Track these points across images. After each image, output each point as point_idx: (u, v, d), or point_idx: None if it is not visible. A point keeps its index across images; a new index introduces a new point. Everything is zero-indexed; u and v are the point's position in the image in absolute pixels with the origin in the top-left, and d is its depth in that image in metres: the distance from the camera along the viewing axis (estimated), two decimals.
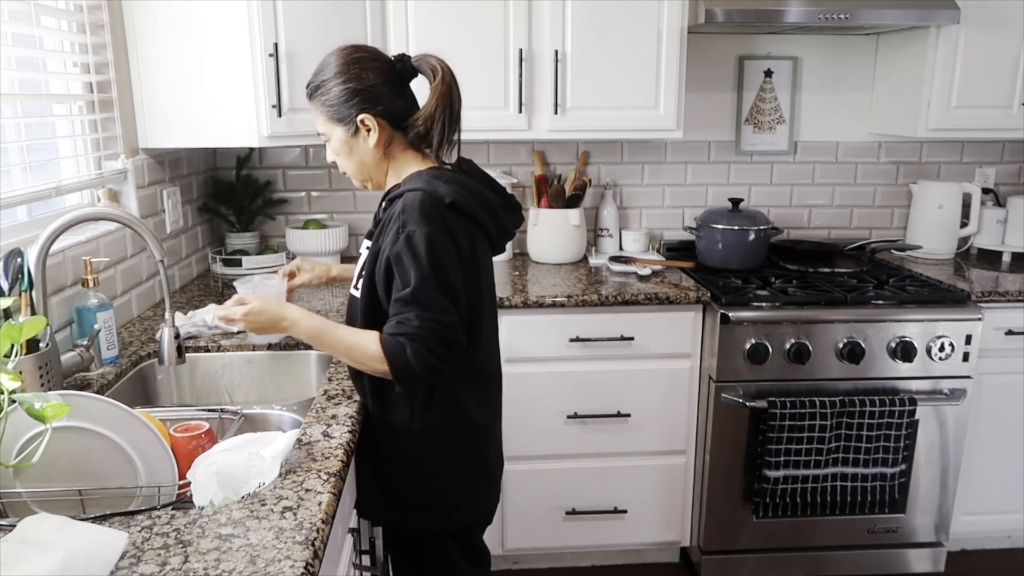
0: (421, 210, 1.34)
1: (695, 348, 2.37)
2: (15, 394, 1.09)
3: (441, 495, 1.50)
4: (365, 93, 1.40)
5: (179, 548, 0.98)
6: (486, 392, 1.54)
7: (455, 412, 1.47)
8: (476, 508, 1.56)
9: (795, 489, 2.31)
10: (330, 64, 1.42)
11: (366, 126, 1.42)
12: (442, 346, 1.33)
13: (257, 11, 2.06)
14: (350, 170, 1.50)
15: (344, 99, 1.40)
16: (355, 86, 1.40)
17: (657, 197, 2.93)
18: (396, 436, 1.46)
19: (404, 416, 1.44)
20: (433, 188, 1.38)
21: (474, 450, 1.52)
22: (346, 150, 1.46)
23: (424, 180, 1.39)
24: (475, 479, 1.54)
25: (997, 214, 2.85)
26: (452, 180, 1.41)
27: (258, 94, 2.10)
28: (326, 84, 1.41)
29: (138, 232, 1.55)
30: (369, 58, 1.42)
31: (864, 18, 2.34)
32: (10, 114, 1.67)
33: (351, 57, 1.41)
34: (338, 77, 1.40)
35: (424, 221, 1.33)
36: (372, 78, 1.40)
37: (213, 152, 2.75)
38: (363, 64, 1.41)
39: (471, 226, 1.42)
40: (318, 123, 1.47)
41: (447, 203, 1.37)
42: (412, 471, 1.47)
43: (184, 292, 2.36)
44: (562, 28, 2.40)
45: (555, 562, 2.60)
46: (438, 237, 1.34)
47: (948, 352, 2.30)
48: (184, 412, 1.48)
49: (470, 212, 1.41)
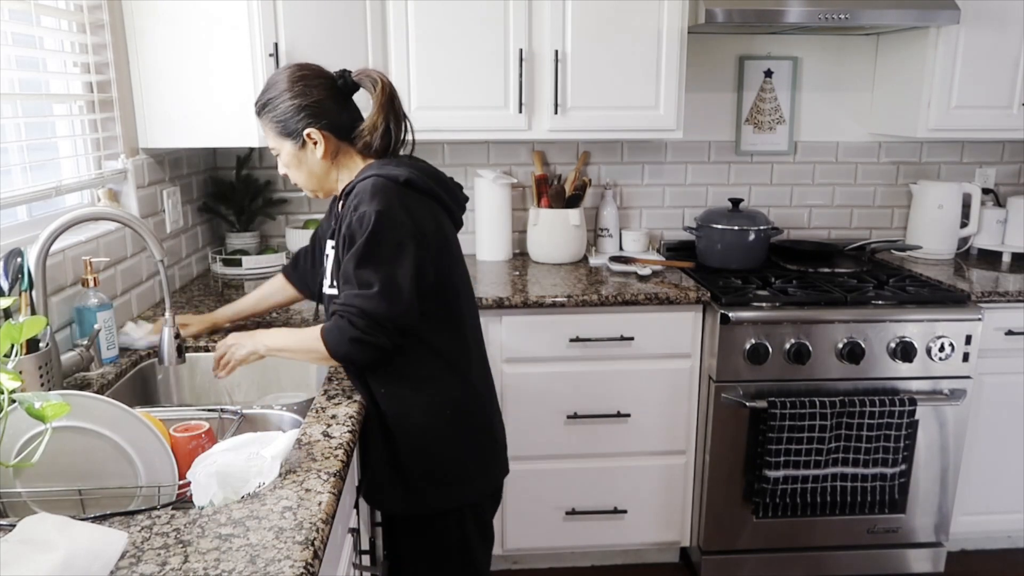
0: (372, 191, 1.42)
1: (695, 348, 2.37)
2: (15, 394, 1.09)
3: (456, 469, 1.55)
4: (310, 108, 1.48)
5: (179, 548, 0.98)
6: (477, 360, 1.60)
7: (456, 383, 1.54)
8: (489, 478, 1.63)
9: (795, 489, 2.31)
10: (277, 82, 1.50)
11: (312, 139, 1.50)
12: (363, 319, 1.38)
13: (257, 11, 2.06)
14: (300, 181, 1.57)
15: (291, 115, 1.48)
16: (300, 102, 1.48)
17: (657, 197, 2.93)
18: (407, 418, 1.50)
19: (409, 396, 1.49)
20: (386, 172, 1.45)
21: (481, 419, 1.59)
22: (295, 162, 1.54)
23: (375, 167, 1.48)
24: (486, 448, 1.61)
25: (997, 214, 2.85)
26: (402, 163, 1.49)
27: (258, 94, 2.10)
28: (273, 101, 1.49)
29: (138, 232, 1.55)
30: (312, 75, 1.50)
31: (864, 18, 2.34)
32: (10, 114, 1.67)
33: (296, 75, 1.49)
34: (285, 94, 1.48)
35: (375, 200, 1.40)
36: (316, 94, 1.49)
37: (213, 152, 2.75)
38: (307, 81, 1.49)
39: (430, 202, 1.50)
40: (268, 139, 1.54)
41: (402, 181, 1.44)
42: (427, 449, 1.52)
43: (184, 292, 2.36)
44: (562, 28, 2.40)
45: (555, 562, 2.60)
46: (387, 214, 1.39)
47: (948, 352, 2.30)
48: (184, 412, 1.48)
49: (426, 188, 1.48)
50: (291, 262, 1.90)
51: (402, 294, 1.39)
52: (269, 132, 1.53)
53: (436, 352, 1.51)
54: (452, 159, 2.83)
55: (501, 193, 2.70)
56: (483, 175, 2.69)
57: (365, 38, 2.31)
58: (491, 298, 2.25)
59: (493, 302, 2.25)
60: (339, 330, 1.41)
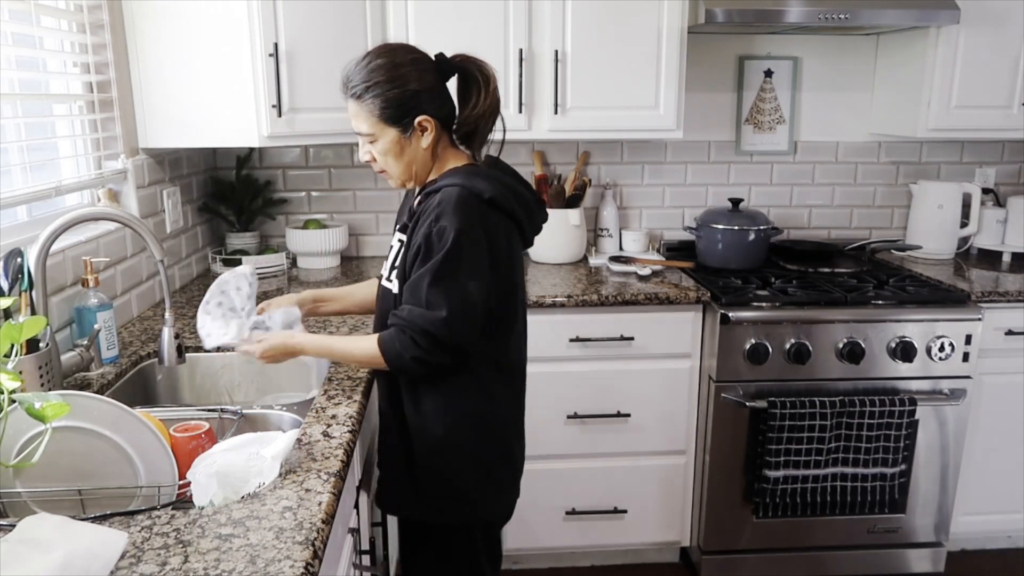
0: (457, 204, 1.35)
1: (695, 348, 2.37)
2: (15, 394, 1.09)
3: (472, 487, 1.52)
4: (423, 95, 1.39)
5: (179, 548, 0.98)
6: (515, 384, 1.56)
7: (487, 404, 1.50)
8: (503, 503, 1.60)
9: (795, 489, 2.31)
10: (382, 64, 1.39)
11: (423, 127, 1.41)
12: (426, 339, 1.36)
13: (257, 11, 2.06)
14: (396, 171, 1.46)
15: (402, 101, 1.38)
16: (415, 88, 1.38)
17: (657, 197, 2.93)
18: (429, 428, 1.47)
19: (438, 407, 1.46)
20: (472, 184, 1.39)
21: (504, 443, 1.55)
22: (396, 150, 1.43)
23: (463, 176, 1.40)
24: (504, 472, 1.57)
25: (997, 214, 2.85)
26: (490, 176, 1.42)
27: (258, 94, 2.10)
28: (381, 85, 1.38)
29: (138, 232, 1.55)
30: (420, 59, 1.41)
31: (864, 18, 2.34)
32: (10, 114, 1.67)
33: (405, 58, 1.40)
34: (396, 79, 1.38)
35: (457, 216, 1.35)
36: (430, 79, 1.40)
37: (213, 152, 2.75)
38: (417, 65, 1.40)
39: (508, 222, 1.44)
40: (363, 124, 1.42)
41: (486, 199, 1.38)
42: (446, 462, 1.49)
43: (184, 292, 2.36)
44: (562, 28, 2.40)
45: (555, 562, 2.60)
46: (467, 233, 1.35)
47: (948, 352, 2.30)
48: (184, 412, 1.48)
49: (507, 208, 1.42)
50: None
51: (469, 319, 1.37)
52: (368, 117, 1.40)
53: (473, 370, 1.46)
54: None
55: None
56: None
57: (365, 38, 2.31)
58: None
59: None
60: (401, 344, 1.38)
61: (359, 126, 1.43)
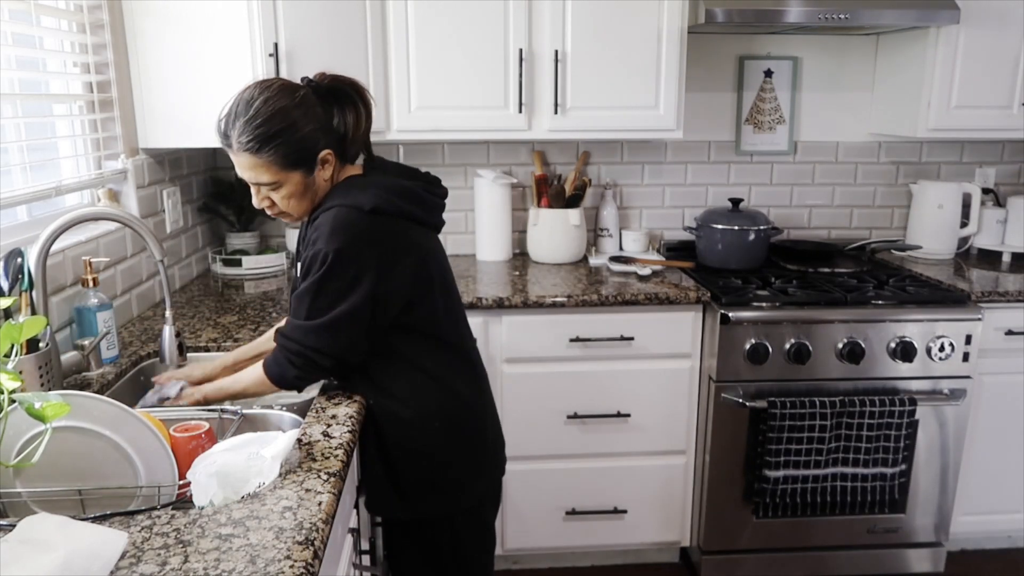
0: (332, 226, 1.36)
1: (695, 348, 2.37)
2: (15, 394, 1.09)
3: (447, 477, 1.54)
4: (320, 131, 1.38)
5: (179, 548, 0.98)
6: (469, 370, 1.58)
7: (446, 396, 1.52)
8: (483, 484, 1.61)
9: (795, 489, 2.31)
10: (272, 114, 1.34)
11: (325, 161, 1.41)
12: (301, 358, 1.41)
13: (257, 11, 2.06)
14: (300, 210, 1.44)
15: (304, 144, 1.36)
16: (311, 127, 1.36)
17: (657, 197, 2.93)
18: (397, 426, 1.50)
19: (399, 407, 1.48)
20: (352, 200, 1.39)
21: (472, 428, 1.57)
22: (301, 191, 1.41)
23: (341, 194, 1.41)
24: (478, 456, 1.59)
25: (997, 214, 2.85)
26: (367, 185, 1.42)
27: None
28: (278, 135, 1.33)
29: (138, 232, 1.55)
30: (304, 95, 1.38)
31: (864, 18, 2.34)
32: (10, 114, 1.67)
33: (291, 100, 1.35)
34: (291, 126, 1.34)
35: (333, 238, 1.35)
36: (318, 113, 1.38)
37: (213, 152, 2.75)
38: (304, 103, 1.37)
39: (400, 221, 1.43)
40: (263, 175, 1.37)
41: (367, 210, 1.38)
42: (418, 459, 1.51)
43: (184, 292, 2.36)
44: (562, 28, 2.40)
45: (555, 562, 2.60)
46: (344, 252, 1.35)
47: (948, 352, 2.30)
48: (184, 412, 1.48)
49: (394, 210, 1.41)
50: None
51: (344, 330, 1.38)
52: (269, 167, 1.36)
53: (419, 367, 1.49)
54: (452, 159, 2.83)
55: (501, 193, 2.70)
56: (483, 175, 2.69)
57: (365, 38, 2.31)
58: (491, 298, 2.25)
59: (493, 302, 2.25)
60: (279, 366, 1.43)
61: (259, 177, 1.38)
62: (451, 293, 1.57)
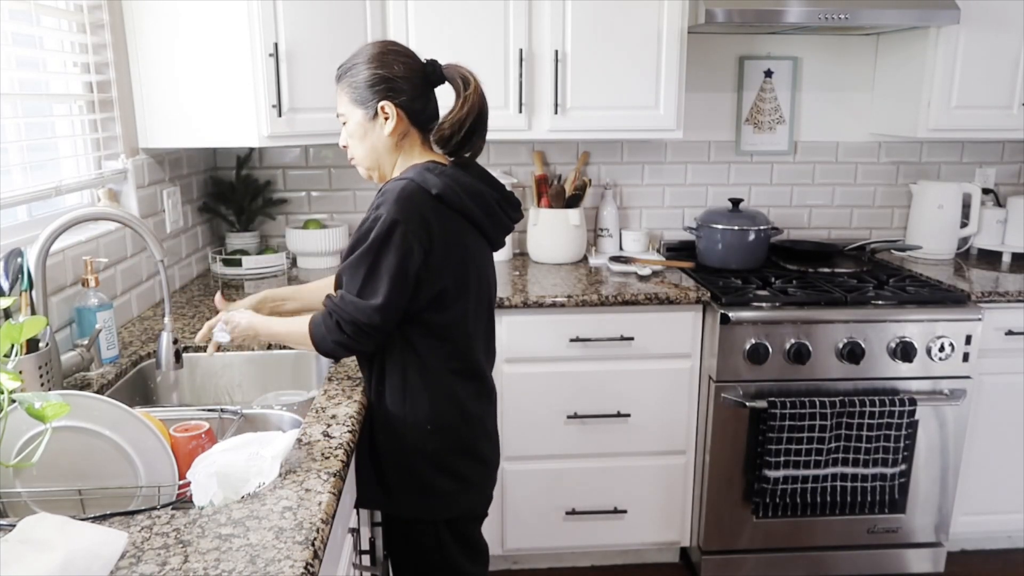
0: (399, 195, 1.39)
1: (695, 348, 2.37)
2: (15, 394, 1.09)
3: (433, 484, 1.52)
4: (390, 82, 1.45)
5: (179, 548, 0.98)
6: (477, 386, 1.56)
7: (447, 403, 1.50)
8: (469, 499, 1.58)
9: (795, 489, 2.31)
10: (365, 51, 1.48)
11: (385, 113, 1.46)
12: (352, 327, 1.41)
13: (257, 11, 2.06)
14: (359, 155, 1.52)
15: (369, 83, 1.45)
16: (383, 73, 1.44)
17: (657, 197, 2.93)
18: (390, 424, 1.49)
19: (397, 405, 1.48)
20: (423, 179, 1.42)
21: (467, 441, 1.54)
22: (360, 133, 1.49)
23: (415, 172, 1.44)
24: (468, 470, 1.56)
25: (997, 214, 2.85)
26: (444, 173, 1.44)
27: (258, 94, 2.10)
28: (356, 67, 1.46)
29: (138, 232, 1.55)
30: (402, 53, 1.48)
31: (864, 18, 2.34)
32: (10, 114, 1.67)
33: (386, 48, 1.48)
34: (369, 63, 1.45)
35: (396, 206, 1.37)
36: (400, 71, 1.45)
37: (213, 152, 2.75)
38: (394, 56, 1.46)
39: (460, 220, 1.46)
40: (340, 104, 1.50)
41: (434, 194, 1.41)
42: (405, 459, 1.50)
43: (184, 292, 2.36)
44: (562, 28, 2.40)
45: (555, 562, 2.60)
46: (403, 225, 1.37)
47: (948, 352, 2.30)
48: (184, 412, 1.48)
49: (458, 205, 1.44)
50: None
51: (396, 307, 1.40)
52: (343, 98, 1.49)
53: (426, 367, 1.47)
54: None
55: None
56: None
57: (365, 38, 2.31)
58: None
59: None
60: (327, 327, 1.44)
61: (337, 108, 1.52)
62: (481, 308, 1.55)
